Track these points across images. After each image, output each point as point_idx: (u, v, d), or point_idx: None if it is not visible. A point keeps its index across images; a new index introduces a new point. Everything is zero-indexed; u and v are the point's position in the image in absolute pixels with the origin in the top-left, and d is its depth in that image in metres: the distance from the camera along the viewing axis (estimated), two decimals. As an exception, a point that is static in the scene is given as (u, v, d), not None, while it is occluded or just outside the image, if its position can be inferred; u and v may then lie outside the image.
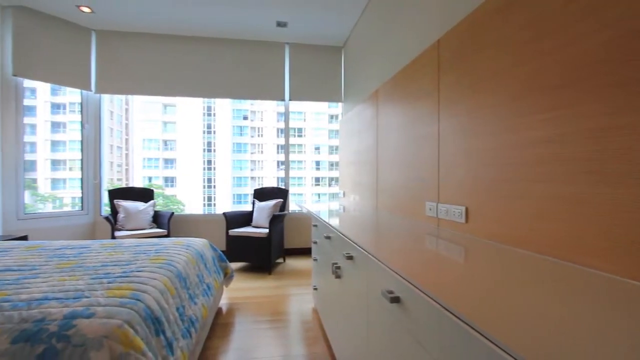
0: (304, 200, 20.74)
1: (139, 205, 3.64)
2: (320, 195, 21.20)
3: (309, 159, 21.55)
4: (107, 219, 3.36)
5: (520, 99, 1.01)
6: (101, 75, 3.76)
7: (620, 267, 0.72)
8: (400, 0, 2.25)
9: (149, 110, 20.82)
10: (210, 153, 21.31)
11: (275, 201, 3.74)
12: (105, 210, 3.93)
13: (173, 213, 3.68)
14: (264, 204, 3.76)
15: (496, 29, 1.13)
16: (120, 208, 3.53)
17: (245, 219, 3.84)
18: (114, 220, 3.45)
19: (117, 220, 3.50)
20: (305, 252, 4.16)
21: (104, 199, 3.91)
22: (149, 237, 3.32)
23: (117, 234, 3.31)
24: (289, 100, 4.17)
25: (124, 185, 15.69)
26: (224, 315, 2.38)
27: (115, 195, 3.66)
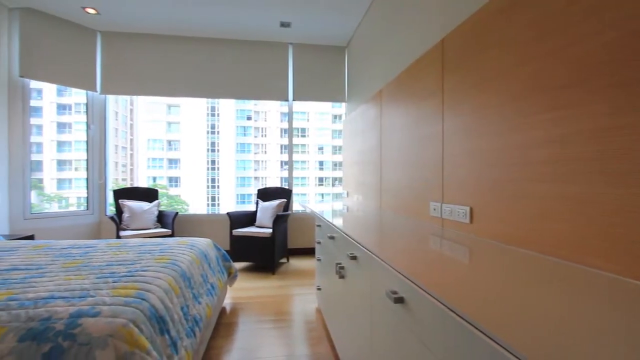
0: (307, 200, 20.74)
1: (144, 205, 3.67)
2: (323, 195, 21.19)
3: (313, 159, 21.55)
4: (112, 219, 3.39)
5: (523, 99, 1.01)
6: (106, 76, 3.79)
7: (622, 267, 0.72)
8: (404, 0, 2.24)
9: (154, 110, 20.96)
10: (214, 153, 21.38)
11: (279, 201, 3.75)
12: (111, 210, 3.96)
13: (177, 213, 3.70)
14: (268, 204, 3.77)
15: (499, 29, 1.13)
16: (125, 208, 3.56)
17: (249, 219, 3.86)
18: (118, 220, 3.48)
19: (122, 220, 3.53)
20: (308, 252, 4.16)
21: (109, 199, 3.95)
22: (154, 237, 3.35)
23: (122, 233, 3.34)
24: (293, 100, 4.17)
25: (129, 185, 15.80)
26: (228, 315, 2.39)
27: (120, 195, 3.69)
